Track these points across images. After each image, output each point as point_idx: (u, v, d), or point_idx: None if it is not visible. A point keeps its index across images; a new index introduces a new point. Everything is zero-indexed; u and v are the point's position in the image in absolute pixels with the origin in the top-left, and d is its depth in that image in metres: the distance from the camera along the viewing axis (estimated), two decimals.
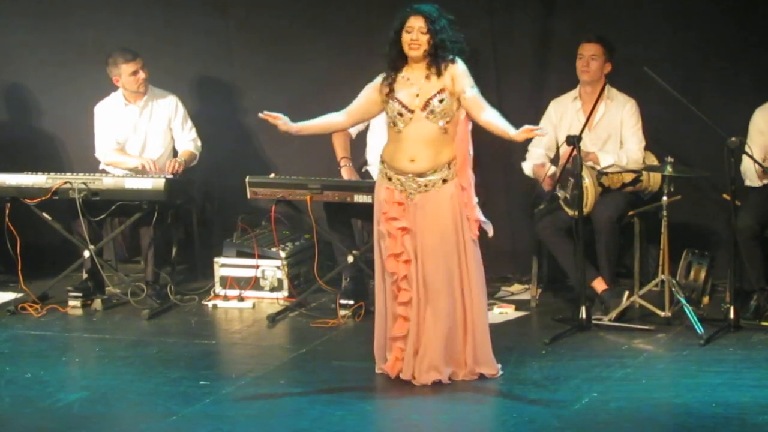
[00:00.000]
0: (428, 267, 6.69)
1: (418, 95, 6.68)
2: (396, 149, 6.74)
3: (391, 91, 6.73)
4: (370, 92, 6.82)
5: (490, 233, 6.85)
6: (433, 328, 6.69)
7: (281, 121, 6.84)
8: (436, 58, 6.66)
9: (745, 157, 7.80)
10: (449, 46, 6.67)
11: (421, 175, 6.69)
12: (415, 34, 6.64)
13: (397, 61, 6.74)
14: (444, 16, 6.69)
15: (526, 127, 6.64)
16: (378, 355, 6.90)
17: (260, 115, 6.83)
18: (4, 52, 9.48)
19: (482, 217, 6.82)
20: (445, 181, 6.71)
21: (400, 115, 6.70)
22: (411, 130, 6.69)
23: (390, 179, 6.76)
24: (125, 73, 8.64)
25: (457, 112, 6.70)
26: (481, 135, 8.83)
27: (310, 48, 9.18)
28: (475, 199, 6.79)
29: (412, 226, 6.71)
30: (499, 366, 6.86)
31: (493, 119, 6.71)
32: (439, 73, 6.67)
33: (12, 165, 8.62)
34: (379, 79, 6.79)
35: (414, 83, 6.71)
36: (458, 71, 6.69)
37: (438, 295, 6.69)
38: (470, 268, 6.72)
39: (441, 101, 6.66)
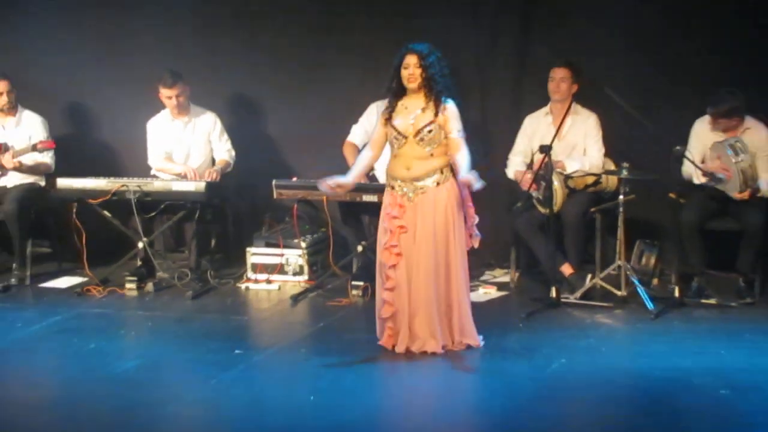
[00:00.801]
0: (422, 254, 6.67)
1: (412, 124, 6.67)
2: (395, 163, 6.75)
3: (390, 117, 6.73)
4: (379, 123, 6.83)
5: (476, 245, 6.85)
6: (424, 307, 6.70)
7: (340, 183, 6.82)
8: (431, 91, 6.64)
9: (685, 160, 7.80)
10: (438, 79, 6.64)
11: (416, 179, 6.69)
12: (411, 69, 6.63)
13: (398, 91, 6.73)
14: (434, 53, 6.66)
15: (468, 177, 6.57)
16: (379, 331, 6.92)
17: (324, 186, 6.78)
18: (71, 75, 9.47)
19: (475, 230, 6.83)
20: (438, 183, 6.70)
21: (396, 139, 6.71)
22: (405, 150, 6.70)
23: (393, 187, 6.76)
24: (163, 95, 8.64)
25: (444, 140, 6.68)
26: (471, 143, 8.90)
27: (331, 70, 9.15)
28: (475, 218, 6.81)
29: (411, 225, 6.71)
30: (481, 337, 6.86)
31: (461, 161, 6.65)
32: (436, 110, 6.65)
33: (77, 171, 8.61)
34: (380, 107, 6.79)
35: (411, 112, 6.69)
36: (451, 114, 6.67)
37: (428, 279, 6.68)
38: (457, 256, 6.71)
39: (430, 131, 6.65)
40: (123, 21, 9.42)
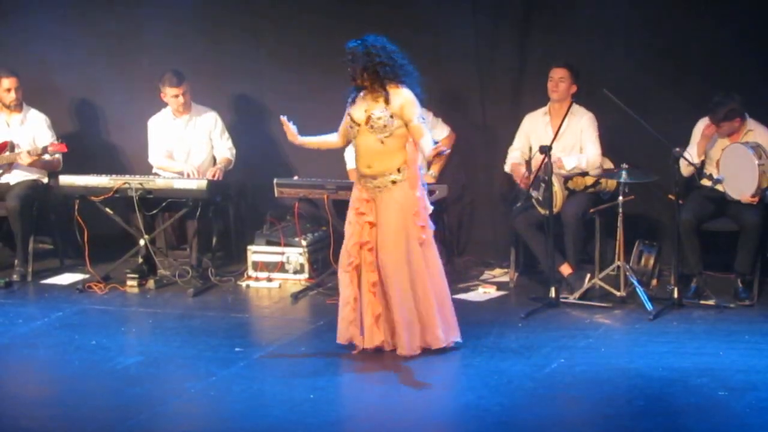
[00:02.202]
0: (381, 256, 6.66)
1: (365, 110, 6.66)
2: (358, 157, 6.76)
3: (351, 108, 6.76)
4: (346, 113, 6.86)
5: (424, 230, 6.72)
6: (395, 309, 6.69)
7: (291, 131, 6.92)
8: (375, 81, 6.62)
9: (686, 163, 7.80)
10: (359, 71, 6.61)
11: (374, 177, 6.68)
12: (348, 65, 6.66)
13: (359, 85, 6.73)
14: (362, 45, 6.62)
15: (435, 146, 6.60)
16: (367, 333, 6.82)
17: (281, 117, 6.89)
18: (76, 73, 9.46)
19: (428, 205, 6.75)
20: (394, 182, 6.68)
21: (351, 128, 6.73)
22: (360, 141, 6.70)
23: (359, 181, 6.77)
24: (168, 94, 8.63)
25: (397, 130, 6.64)
26: (472, 144, 8.93)
27: (332, 70, 9.09)
28: (428, 207, 6.74)
29: (377, 221, 6.70)
30: (453, 338, 6.79)
31: (425, 145, 6.63)
32: (387, 98, 6.62)
33: (80, 168, 8.62)
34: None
35: (366, 102, 6.69)
36: (406, 101, 6.63)
37: (391, 280, 6.64)
38: (425, 257, 6.67)
39: (380, 119, 6.62)
40: (127, 20, 9.42)
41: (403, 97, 6.64)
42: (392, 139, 6.66)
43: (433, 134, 8.57)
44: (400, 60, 6.68)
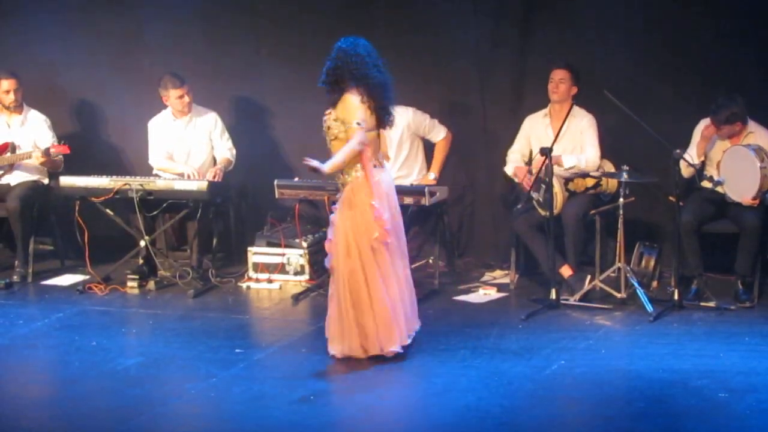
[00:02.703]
0: (339, 260, 6.66)
1: (325, 120, 6.71)
2: None
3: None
4: None
5: (384, 238, 6.61)
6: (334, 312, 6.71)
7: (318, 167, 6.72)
8: (327, 89, 6.69)
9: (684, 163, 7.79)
10: (327, 75, 6.66)
11: (333, 180, 6.81)
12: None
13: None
14: (334, 48, 6.67)
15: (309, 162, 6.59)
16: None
17: (306, 160, 6.68)
18: (77, 74, 9.46)
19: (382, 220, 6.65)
20: (344, 185, 6.71)
21: (325, 133, 6.74)
22: (329, 146, 6.72)
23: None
24: (173, 96, 8.64)
25: (342, 135, 6.63)
26: (472, 145, 8.93)
27: None
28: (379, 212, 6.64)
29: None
30: (396, 347, 6.65)
31: (343, 149, 6.61)
32: (334, 103, 6.66)
33: (81, 169, 8.62)
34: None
35: (331, 108, 6.72)
36: (348, 104, 6.63)
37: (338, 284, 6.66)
38: (377, 262, 6.62)
39: (328, 127, 6.67)
40: (128, 21, 9.42)
41: (345, 100, 6.64)
42: (339, 142, 6.65)
43: (431, 136, 8.62)
44: (357, 63, 6.62)
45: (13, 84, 8.77)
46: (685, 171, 7.90)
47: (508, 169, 8.45)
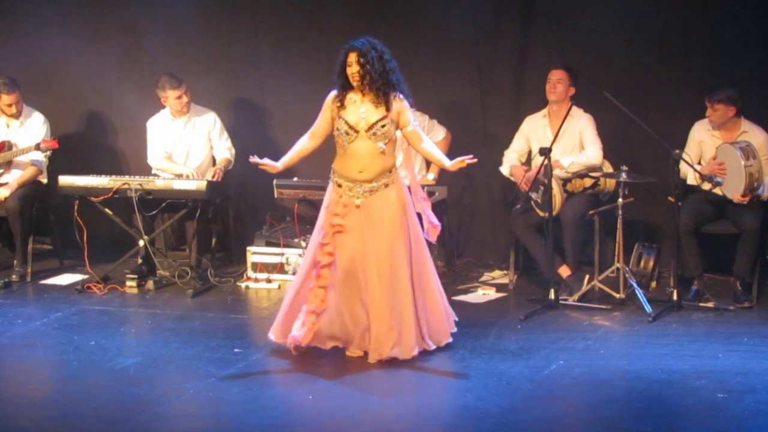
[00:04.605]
0: (379, 257, 6.58)
1: (363, 118, 6.61)
2: (347, 163, 6.66)
3: (341, 110, 6.67)
4: (325, 112, 6.75)
5: (433, 238, 6.80)
6: (387, 312, 6.58)
7: (269, 165, 6.81)
8: (378, 87, 6.56)
9: (682, 162, 7.80)
10: (382, 74, 6.56)
11: (367, 181, 6.64)
12: (354, 66, 6.56)
13: (345, 85, 6.64)
14: (374, 48, 6.58)
15: (459, 159, 6.63)
16: (297, 326, 6.73)
17: (252, 159, 6.77)
18: (77, 73, 9.47)
19: (434, 220, 6.80)
20: (387, 185, 6.67)
21: (347, 134, 6.63)
22: (356, 146, 6.63)
23: (340, 186, 6.68)
24: (171, 97, 8.64)
25: (394, 136, 6.67)
26: (471, 145, 8.91)
27: (332, 71, 9.13)
28: (426, 205, 6.82)
29: (356, 228, 6.62)
30: (452, 332, 6.82)
31: (431, 149, 6.74)
32: (387, 105, 6.59)
33: (80, 169, 8.62)
34: (329, 98, 6.72)
35: (360, 106, 6.62)
36: (403, 107, 6.64)
37: (386, 284, 6.57)
38: (419, 255, 6.68)
39: (383, 126, 6.60)
40: (128, 21, 9.43)
41: (401, 103, 6.65)
42: (391, 144, 6.68)
43: (430, 136, 8.61)
44: (395, 67, 6.67)
45: (14, 98, 8.78)
46: (686, 171, 7.91)
47: (504, 169, 8.46)
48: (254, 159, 6.82)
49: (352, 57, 6.59)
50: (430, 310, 6.76)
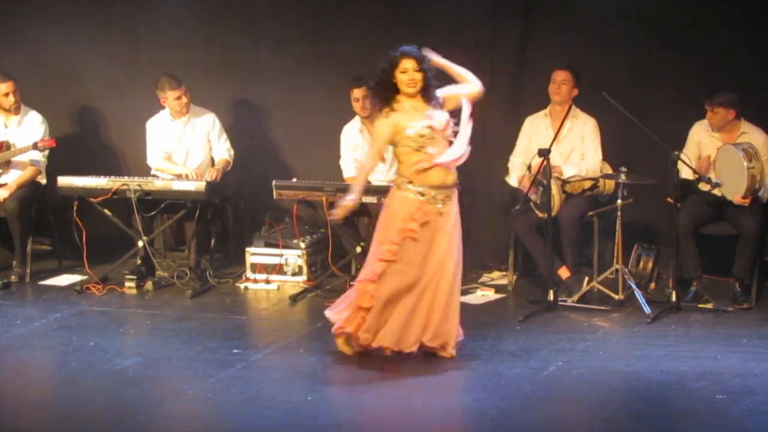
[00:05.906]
0: (448, 259, 6.55)
1: (428, 118, 6.49)
2: (430, 171, 6.48)
3: (408, 121, 6.48)
4: (385, 132, 6.51)
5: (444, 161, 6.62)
6: (441, 310, 6.58)
7: (351, 204, 6.65)
8: (428, 91, 6.51)
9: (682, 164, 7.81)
10: (431, 81, 6.54)
11: (448, 187, 6.55)
12: (411, 73, 6.45)
13: (389, 96, 6.52)
14: (425, 54, 6.57)
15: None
16: (346, 319, 6.67)
17: (336, 214, 6.69)
18: (76, 73, 9.46)
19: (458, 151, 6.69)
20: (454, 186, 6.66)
21: (431, 138, 6.47)
22: (438, 150, 6.49)
23: (423, 195, 6.49)
24: (171, 97, 8.64)
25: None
26: (470, 146, 8.92)
27: (331, 72, 9.14)
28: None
29: (423, 236, 6.52)
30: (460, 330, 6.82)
31: (459, 86, 6.68)
32: (441, 103, 6.55)
33: (79, 169, 8.61)
34: (382, 120, 6.54)
35: (422, 111, 6.50)
36: (443, 92, 6.59)
37: (448, 286, 6.59)
38: (459, 262, 6.68)
39: (448, 123, 6.53)
40: (126, 21, 9.43)
41: (440, 95, 6.58)
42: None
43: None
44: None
45: (10, 86, 8.77)
46: (686, 172, 7.91)
47: (512, 180, 8.40)
48: (336, 215, 6.70)
49: (408, 63, 6.47)
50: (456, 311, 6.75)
